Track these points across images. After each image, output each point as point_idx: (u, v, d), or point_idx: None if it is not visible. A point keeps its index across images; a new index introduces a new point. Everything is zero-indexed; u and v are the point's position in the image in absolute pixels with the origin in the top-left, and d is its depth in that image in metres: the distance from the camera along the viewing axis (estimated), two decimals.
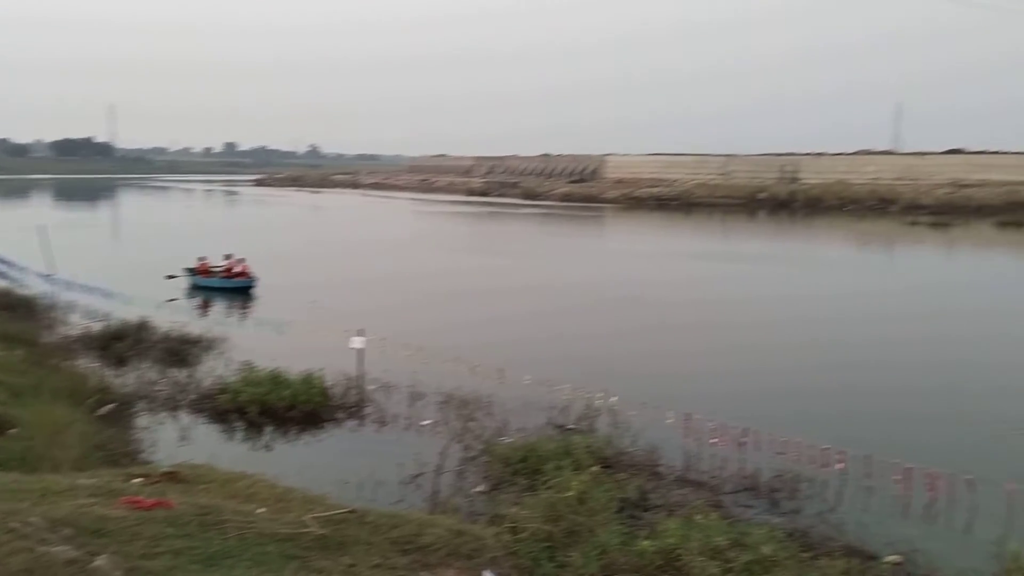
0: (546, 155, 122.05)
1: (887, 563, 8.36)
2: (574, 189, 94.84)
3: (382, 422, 13.80)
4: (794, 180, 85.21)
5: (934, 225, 57.20)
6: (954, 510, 10.26)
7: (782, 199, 78.09)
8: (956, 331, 22.24)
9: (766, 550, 7.54)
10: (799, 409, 14.78)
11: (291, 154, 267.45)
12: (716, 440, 12.21)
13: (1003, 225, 56.87)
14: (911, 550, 8.77)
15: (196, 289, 27.85)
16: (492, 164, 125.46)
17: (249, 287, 27.50)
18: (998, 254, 44.89)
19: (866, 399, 15.64)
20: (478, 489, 10.51)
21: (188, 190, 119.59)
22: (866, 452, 11.16)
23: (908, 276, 35.44)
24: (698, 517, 8.20)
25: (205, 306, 25.47)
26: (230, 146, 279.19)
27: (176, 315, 21.54)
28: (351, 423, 13.85)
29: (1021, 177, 74.34)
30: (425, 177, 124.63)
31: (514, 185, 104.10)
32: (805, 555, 7.89)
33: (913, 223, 59.10)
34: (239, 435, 13.35)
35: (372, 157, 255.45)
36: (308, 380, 14.34)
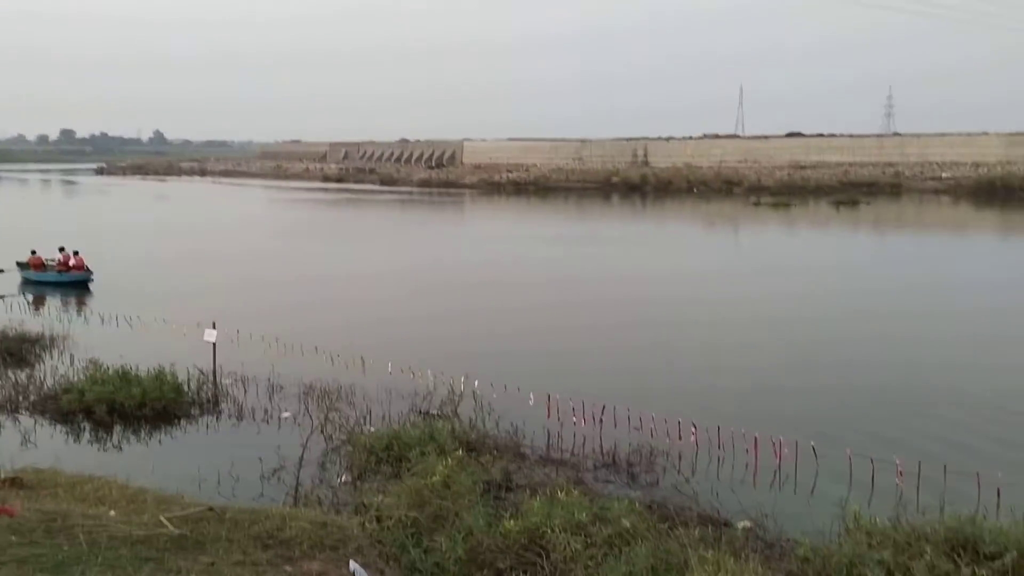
0: (403, 140, 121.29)
1: (739, 528, 8.77)
2: (432, 175, 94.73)
3: (240, 416, 13.42)
4: (645, 164, 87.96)
5: (776, 205, 60.20)
6: (800, 475, 10.85)
7: (634, 182, 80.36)
8: (801, 309, 23.50)
9: (626, 523, 7.78)
10: (653, 385, 15.29)
11: (135, 141, 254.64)
12: (576, 418, 12.50)
13: (838, 204, 60.50)
14: (762, 515, 9.20)
15: (28, 284, 26.21)
16: (348, 149, 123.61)
17: (86, 281, 26.11)
18: (834, 232, 47.72)
19: (716, 372, 16.34)
20: (342, 480, 10.39)
21: (22, 180, 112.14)
22: (717, 423, 11.66)
23: (753, 255, 37.22)
24: (561, 495, 8.37)
25: (40, 302, 24.01)
26: (67, 133, 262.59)
27: (11, 312, 20.27)
28: (207, 419, 13.40)
29: (853, 158, 79.36)
30: (278, 164, 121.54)
31: (371, 171, 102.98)
32: (663, 526, 8.16)
33: (756, 204, 62.06)
34: (87, 436, 12.70)
35: (222, 143, 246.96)
36: (159, 376, 13.77)
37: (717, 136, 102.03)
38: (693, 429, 11.62)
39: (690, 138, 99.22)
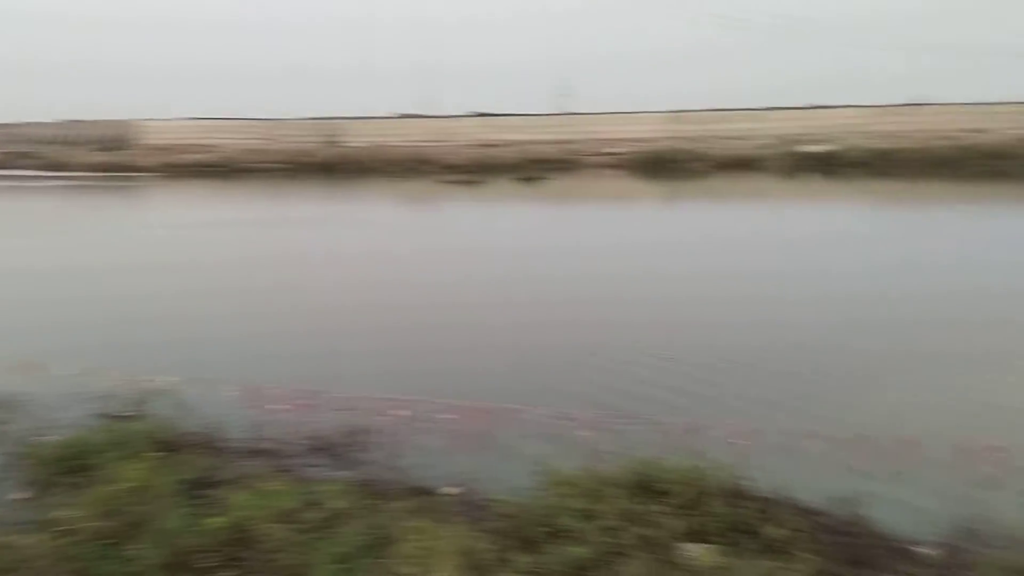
0: (71, 120, 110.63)
1: (449, 495, 9.08)
2: (107, 158, 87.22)
3: None
4: (340, 144, 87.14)
5: (466, 183, 62.25)
6: (504, 437, 11.39)
7: (329, 163, 79.25)
8: (479, 272, 24.55)
9: (338, 504, 7.79)
10: (359, 364, 15.33)
11: None
12: (283, 407, 12.24)
13: (522, 180, 63.76)
14: (470, 479, 9.56)
15: None
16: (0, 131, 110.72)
17: None
18: (520, 206, 50.38)
19: (414, 345, 16.70)
20: (18, 496, 9.41)
21: None
22: (425, 396, 11.95)
23: (444, 229, 38.31)
24: (268, 485, 8.20)
25: None
26: None
27: None
28: None
29: (534, 136, 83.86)
30: None
31: (31, 155, 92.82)
32: (376, 502, 8.26)
33: (448, 182, 63.79)
34: None
35: None
36: None
37: (409, 116, 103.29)
38: (402, 403, 11.81)
39: (384, 118, 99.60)
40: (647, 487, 8.09)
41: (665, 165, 70.09)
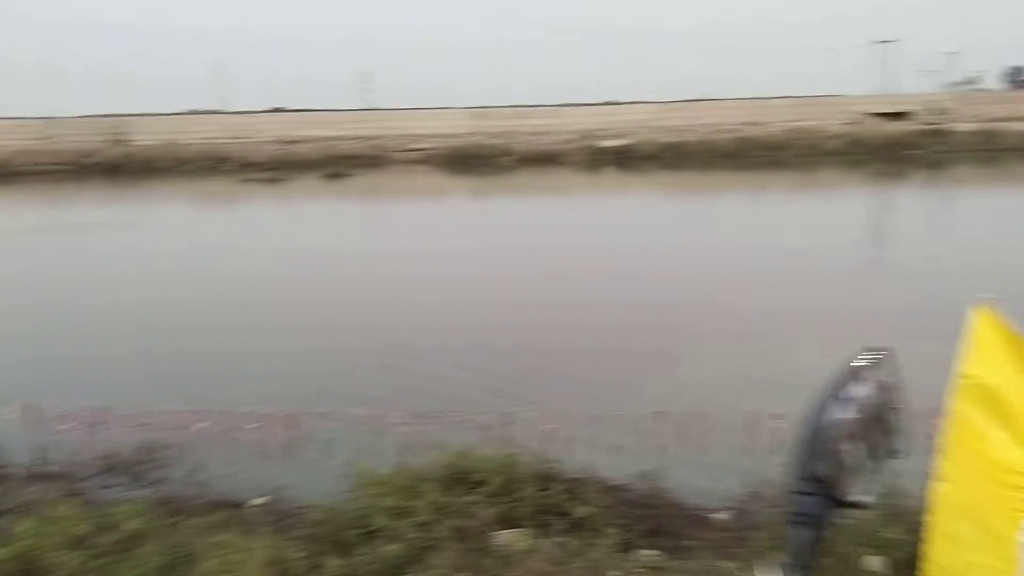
0: None
1: (255, 506, 8.80)
2: None
3: None
4: (125, 142, 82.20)
5: (268, 181, 60.43)
6: (314, 444, 11.14)
7: (114, 163, 74.62)
8: (286, 276, 23.98)
9: (135, 525, 7.37)
10: (153, 378, 14.56)
11: None
12: (70, 426, 11.42)
13: (328, 177, 62.61)
14: (277, 488, 9.29)
15: None
16: None
17: None
18: (327, 203, 49.57)
19: (214, 354, 16.12)
20: None
21: None
22: (228, 406, 11.51)
23: (242, 231, 37.15)
24: (56, 510, 7.64)
25: None
26: None
27: None
28: None
29: (337, 132, 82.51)
30: None
31: None
32: (177, 520, 7.88)
33: (247, 180, 61.64)
34: None
35: None
36: None
37: (200, 112, 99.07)
38: (201, 415, 11.33)
39: (174, 114, 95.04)
40: (461, 479, 8.16)
41: (471, 160, 70.94)
